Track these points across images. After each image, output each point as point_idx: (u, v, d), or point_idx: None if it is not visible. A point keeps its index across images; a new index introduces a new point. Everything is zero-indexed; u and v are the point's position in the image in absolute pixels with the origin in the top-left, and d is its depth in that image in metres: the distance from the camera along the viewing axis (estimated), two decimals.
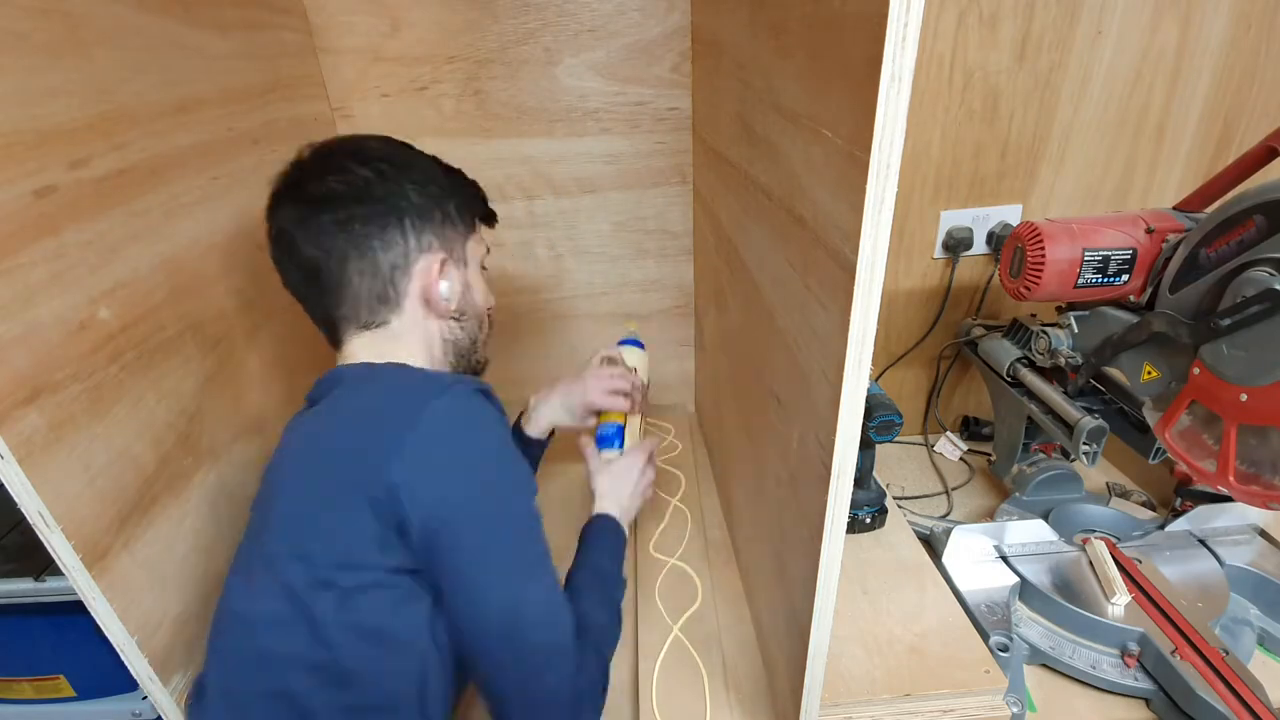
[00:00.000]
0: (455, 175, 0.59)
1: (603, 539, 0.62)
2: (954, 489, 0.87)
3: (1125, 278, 0.62)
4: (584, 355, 1.02)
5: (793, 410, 0.46)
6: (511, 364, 1.02)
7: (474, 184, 0.61)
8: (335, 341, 0.54)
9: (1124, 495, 0.82)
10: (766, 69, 0.47)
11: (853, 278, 0.32)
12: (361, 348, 0.53)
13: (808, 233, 0.39)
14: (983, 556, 0.71)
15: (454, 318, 0.57)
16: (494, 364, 1.01)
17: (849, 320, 0.33)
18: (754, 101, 0.51)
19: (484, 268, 0.62)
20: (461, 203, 0.57)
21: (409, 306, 0.53)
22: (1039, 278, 0.63)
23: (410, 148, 0.57)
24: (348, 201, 0.50)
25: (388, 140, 0.56)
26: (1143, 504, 0.80)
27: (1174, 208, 0.64)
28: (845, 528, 0.40)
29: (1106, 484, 0.84)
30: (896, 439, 0.76)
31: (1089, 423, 0.65)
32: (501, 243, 0.92)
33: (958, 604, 0.65)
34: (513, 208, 0.90)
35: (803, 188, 0.40)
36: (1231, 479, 0.54)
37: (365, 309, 0.52)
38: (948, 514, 0.84)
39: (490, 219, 0.63)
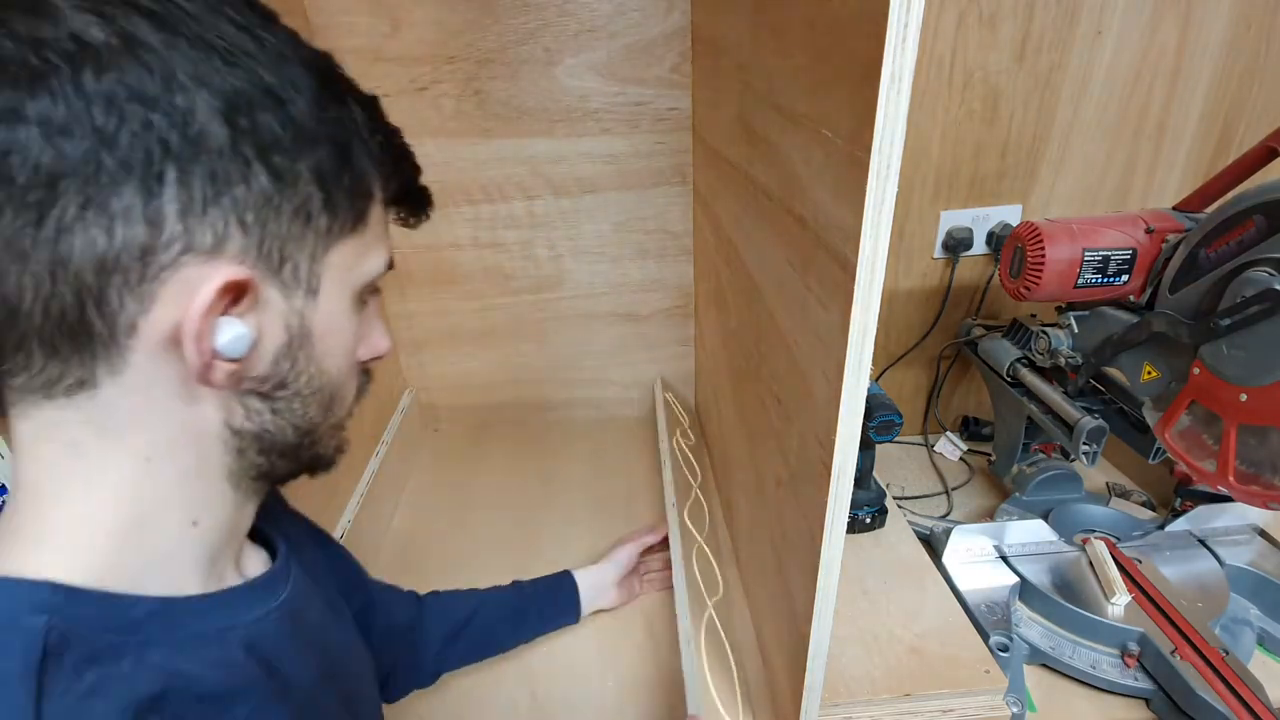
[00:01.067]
0: (345, 100, 0.29)
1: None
2: (954, 489, 0.88)
3: (1125, 278, 0.62)
4: (585, 356, 1.02)
5: (793, 410, 0.46)
6: (511, 365, 1.02)
7: (388, 128, 0.32)
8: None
9: (1124, 495, 0.82)
10: (767, 69, 0.47)
11: (853, 278, 0.32)
12: (39, 448, 0.26)
13: (808, 233, 0.39)
14: (983, 556, 0.71)
15: (258, 394, 0.29)
16: (495, 367, 1.03)
17: (849, 320, 0.33)
18: (754, 101, 0.51)
19: (367, 293, 0.32)
20: (346, 162, 0.28)
21: (138, 357, 0.25)
22: (1039, 278, 0.63)
23: (257, 10, 0.27)
24: (22, 83, 0.22)
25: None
26: (1143, 504, 0.80)
27: (1174, 208, 0.64)
28: (845, 528, 0.40)
29: (1106, 484, 0.84)
30: (896, 439, 0.76)
31: (1089, 423, 0.65)
32: (502, 243, 0.93)
33: (958, 604, 0.65)
34: (513, 208, 0.90)
35: (803, 188, 0.40)
36: (1231, 479, 0.54)
37: (36, 347, 0.24)
38: (948, 514, 0.84)
39: (415, 204, 0.35)
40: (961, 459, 0.94)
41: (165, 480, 0.27)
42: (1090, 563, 0.68)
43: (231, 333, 0.26)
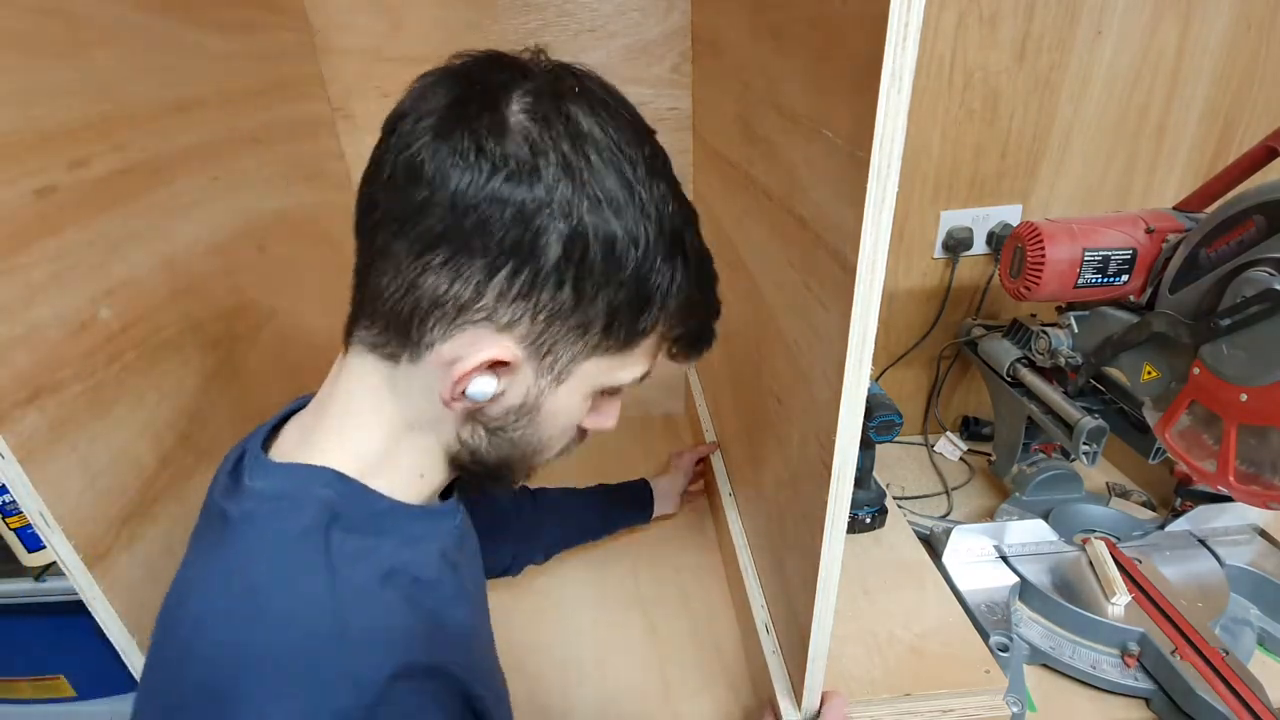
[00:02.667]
0: (674, 259, 0.34)
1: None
2: (954, 489, 0.87)
3: (1125, 278, 0.62)
4: None
5: (793, 410, 0.46)
6: None
7: (705, 287, 0.38)
8: (346, 332, 0.37)
9: (1124, 495, 0.82)
10: (767, 69, 0.47)
11: (853, 278, 0.32)
12: (356, 381, 0.36)
13: (808, 233, 0.39)
14: (983, 556, 0.71)
15: (484, 426, 0.37)
16: None
17: (849, 320, 0.33)
18: (754, 102, 0.51)
19: (610, 391, 0.39)
20: (640, 305, 0.34)
21: (428, 365, 0.34)
22: (1039, 278, 0.63)
23: (652, 167, 0.33)
24: (460, 166, 0.30)
25: (631, 132, 0.33)
26: (1143, 504, 0.80)
27: (1174, 208, 0.64)
28: (845, 528, 0.40)
29: (1106, 484, 0.84)
30: (896, 439, 0.76)
31: (1089, 423, 0.65)
32: None
33: (958, 604, 0.65)
34: None
35: (803, 188, 0.40)
36: (1231, 479, 0.54)
37: (380, 321, 0.34)
38: (948, 514, 0.84)
39: (692, 347, 0.41)
40: (961, 459, 0.94)
41: (414, 442, 0.37)
42: (1090, 563, 0.68)
43: (481, 388, 0.34)
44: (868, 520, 0.74)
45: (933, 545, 0.73)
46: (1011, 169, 0.81)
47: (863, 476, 0.74)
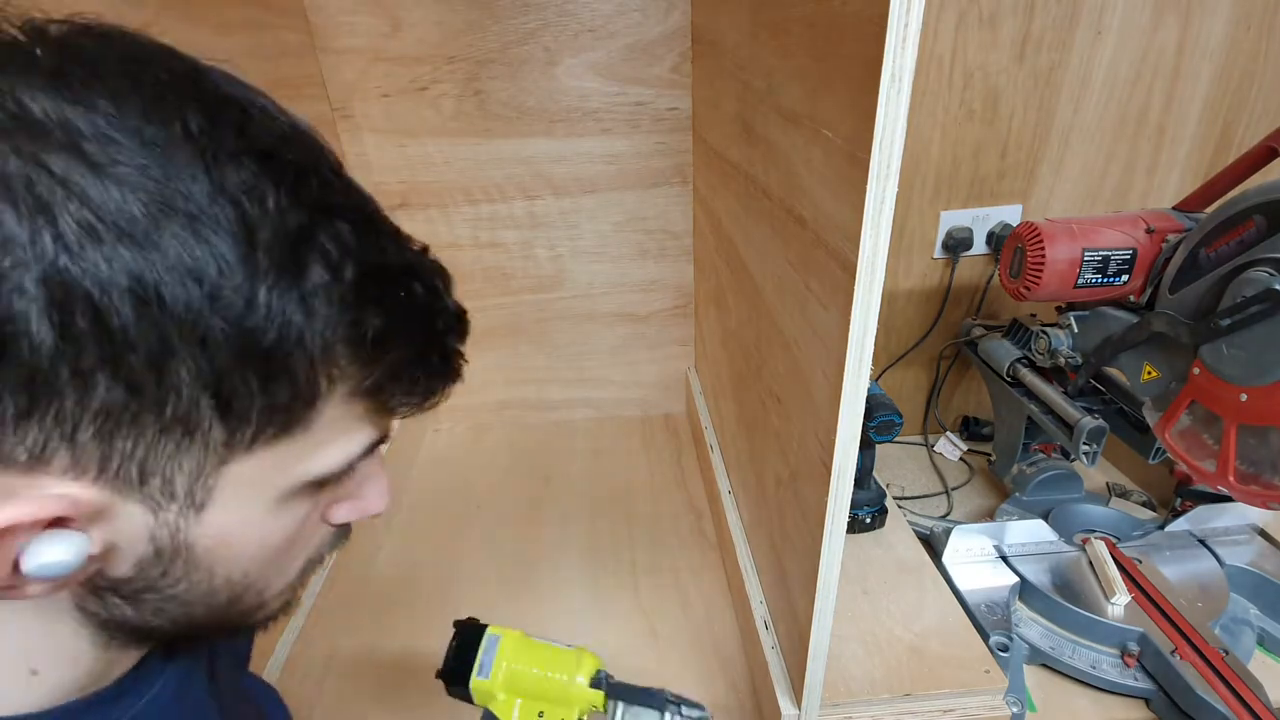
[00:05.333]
0: (313, 234, 0.21)
1: None
2: (954, 489, 0.88)
3: (1125, 278, 0.62)
4: (585, 356, 1.02)
5: (793, 410, 0.46)
6: (510, 365, 1.02)
7: (389, 310, 0.23)
8: None
9: (1124, 495, 0.82)
10: (767, 69, 0.47)
11: (853, 278, 0.32)
12: None
13: (808, 233, 0.39)
14: (983, 556, 0.71)
15: (117, 592, 0.23)
16: (495, 367, 1.03)
17: (849, 320, 0.33)
18: (754, 102, 0.51)
19: (327, 483, 0.25)
20: (259, 357, 0.21)
21: None
22: (1039, 278, 0.63)
23: (221, 137, 0.20)
24: None
25: (180, 97, 0.21)
26: (1143, 504, 0.80)
27: (1174, 208, 0.64)
28: (845, 528, 0.40)
29: (1106, 484, 0.84)
30: (896, 439, 0.76)
31: (1089, 423, 0.65)
32: (502, 243, 0.93)
33: (958, 604, 0.65)
34: (513, 208, 0.90)
35: (803, 188, 0.40)
36: (1231, 479, 0.54)
37: None
38: (948, 514, 0.84)
39: (420, 395, 0.27)
40: (961, 459, 0.94)
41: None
42: (1090, 563, 0.68)
43: (47, 556, 0.20)
44: (868, 520, 0.74)
45: (933, 545, 0.73)
46: (1011, 169, 0.81)
47: (863, 476, 0.74)
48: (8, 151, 0.17)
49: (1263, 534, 0.71)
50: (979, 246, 0.85)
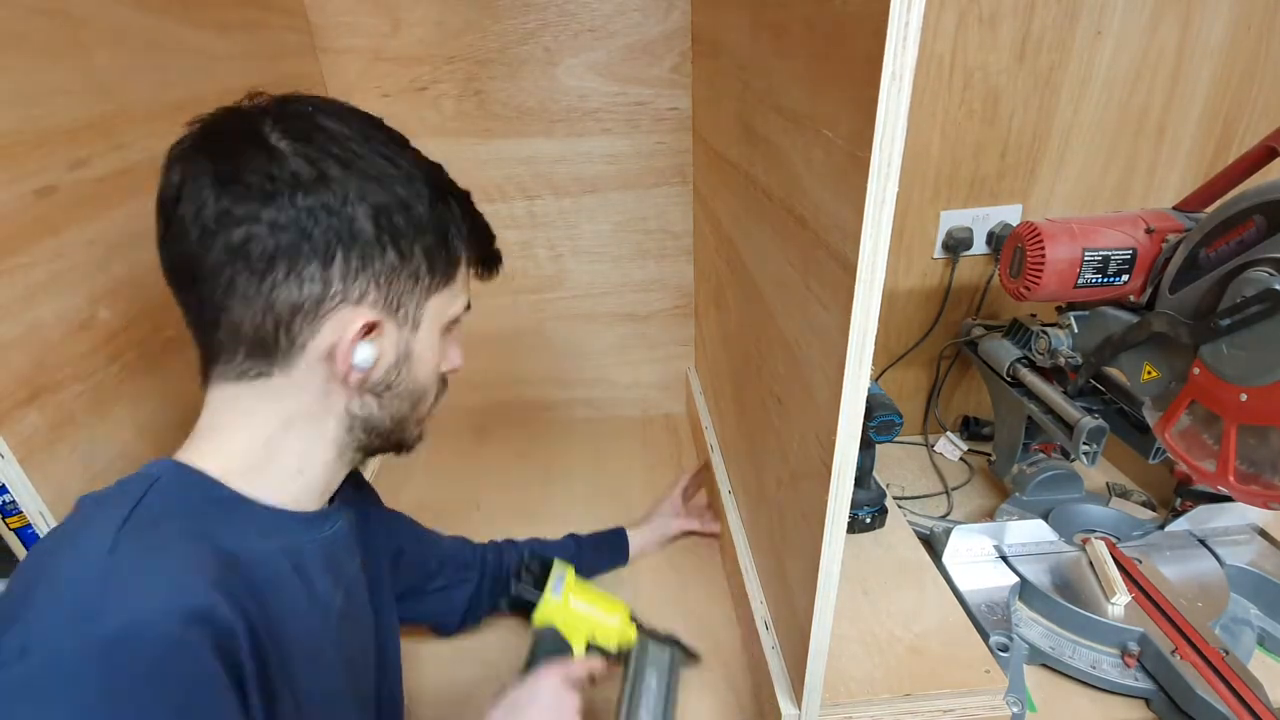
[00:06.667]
0: (447, 200, 0.41)
1: None
2: (954, 489, 0.88)
3: (1125, 278, 0.62)
4: (585, 356, 1.02)
5: (793, 410, 0.46)
6: (513, 366, 1.02)
7: (475, 215, 0.44)
8: (203, 377, 0.39)
9: (1124, 495, 0.82)
10: (767, 69, 0.47)
11: (854, 277, 0.32)
12: (224, 404, 0.38)
13: (808, 232, 0.39)
14: (983, 556, 0.71)
15: (372, 392, 0.41)
16: (495, 367, 1.02)
17: (850, 320, 0.33)
18: (754, 102, 0.51)
19: (451, 326, 0.45)
20: (444, 242, 0.41)
21: (304, 363, 0.37)
22: (1039, 278, 0.63)
23: (395, 140, 0.40)
24: (261, 198, 0.34)
25: (368, 122, 0.39)
26: (1143, 504, 0.80)
27: (1174, 208, 0.64)
28: (846, 528, 0.40)
29: (1106, 484, 0.84)
30: (896, 439, 0.76)
31: (1089, 423, 0.65)
32: (502, 243, 0.92)
33: (958, 604, 0.65)
34: (513, 208, 0.90)
35: (803, 188, 0.40)
36: (1231, 479, 0.54)
37: (242, 349, 0.37)
38: (948, 514, 0.84)
39: (489, 266, 0.47)
40: (961, 459, 0.94)
41: (290, 444, 0.39)
42: (1090, 563, 0.68)
43: (364, 354, 0.38)
44: (868, 520, 0.74)
45: (933, 545, 0.73)
46: (1011, 169, 0.81)
47: (863, 476, 0.74)
48: (336, 147, 0.37)
49: (1263, 534, 0.71)
50: (979, 246, 0.85)
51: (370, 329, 0.38)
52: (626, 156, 0.88)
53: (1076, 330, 0.69)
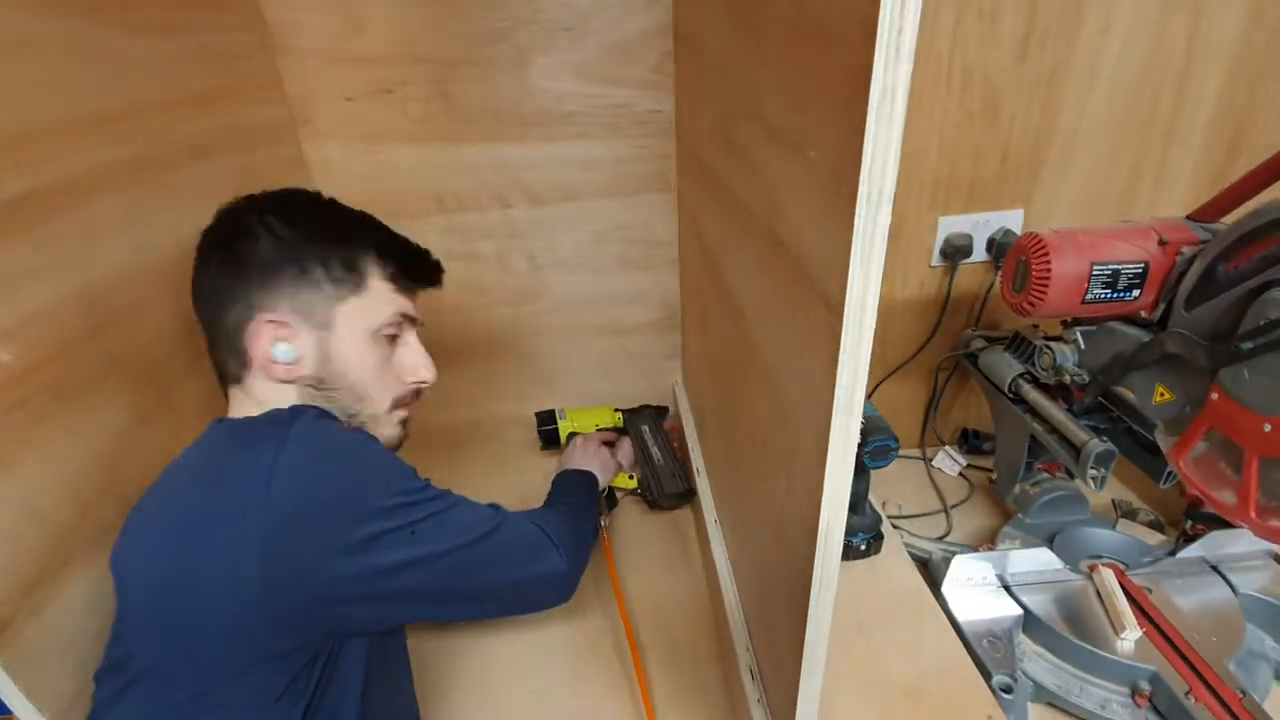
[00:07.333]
0: (352, 225, 0.53)
1: (566, 480, 0.74)
2: (953, 507, 0.84)
3: (1136, 293, 0.58)
4: (566, 371, 0.98)
5: (778, 454, 0.42)
6: (488, 380, 0.97)
7: (387, 237, 0.54)
8: (226, 393, 0.52)
9: (1131, 514, 0.78)
10: (746, 75, 0.42)
11: (840, 320, 0.28)
12: (233, 403, 0.51)
13: (790, 260, 0.35)
14: (984, 585, 0.67)
15: (313, 387, 0.50)
16: (475, 381, 0.98)
17: (836, 371, 0.29)
18: (735, 109, 0.47)
19: (384, 332, 0.53)
20: (345, 258, 0.50)
21: (255, 365, 0.49)
22: (1044, 293, 0.59)
23: (319, 200, 0.54)
24: (214, 247, 0.50)
25: (310, 195, 0.54)
26: (1150, 523, 0.76)
27: (1188, 217, 0.60)
28: (834, 588, 0.36)
29: (1112, 501, 0.81)
30: None
31: (1096, 446, 0.61)
32: (477, 254, 0.88)
33: (958, 640, 0.61)
34: (487, 217, 0.85)
35: (784, 212, 0.36)
36: (1253, 514, 0.50)
37: (230, 363, 0.50)
38: (947, 534, 0.80)
39: (413, 277, 0.55)
40: (961, 474, 0.90)
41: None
42: (1098, 592, 0.64)
43: (282, 350, 0.49)
44: (863, 547, 0.70)
45: (931, 571, 0.70)
46: (1013, 173, 0.77)
47: (857, 501, 0.70)
48: (274, 216, 0.50)
49: (1279, 560, 0.68)
50: (979, 253, 0.81)
51: (279, 326, 0.48)
52: (606, 162, 0.83)
53: (1083, 346, 0.65)
